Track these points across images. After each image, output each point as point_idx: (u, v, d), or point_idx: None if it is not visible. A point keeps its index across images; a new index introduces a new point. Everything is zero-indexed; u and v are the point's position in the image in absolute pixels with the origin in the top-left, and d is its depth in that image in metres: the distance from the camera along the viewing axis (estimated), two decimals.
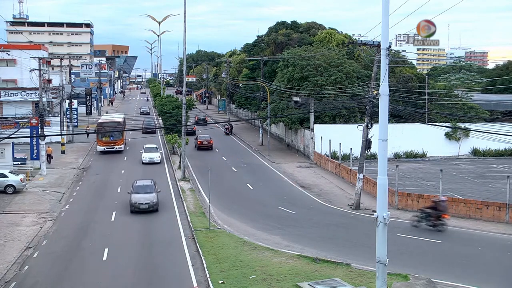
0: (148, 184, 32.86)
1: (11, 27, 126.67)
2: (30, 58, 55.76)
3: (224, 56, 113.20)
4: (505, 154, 50.29)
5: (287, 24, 71.45)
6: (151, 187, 32.42)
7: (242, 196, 36.79)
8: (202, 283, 20.52)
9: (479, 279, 20.78)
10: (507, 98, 65.62)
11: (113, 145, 51.82)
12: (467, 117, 49.51)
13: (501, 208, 29.36)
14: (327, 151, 47.21)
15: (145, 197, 31.27)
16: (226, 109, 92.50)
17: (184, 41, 41.30)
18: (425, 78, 58.26)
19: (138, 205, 30.83)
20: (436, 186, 34.27)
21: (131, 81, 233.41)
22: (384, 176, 15.83)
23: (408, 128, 47.94)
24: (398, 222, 28.95)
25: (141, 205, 30.83)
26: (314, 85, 49.67)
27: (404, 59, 67.84)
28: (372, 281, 19.04)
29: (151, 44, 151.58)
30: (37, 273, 22.23)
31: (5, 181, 36.23)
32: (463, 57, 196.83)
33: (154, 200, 31.21)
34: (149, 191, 31.87)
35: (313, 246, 25.30)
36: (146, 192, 31.74)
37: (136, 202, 30.87)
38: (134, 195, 31.41)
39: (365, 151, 33.13)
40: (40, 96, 46.22)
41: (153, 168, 45.62)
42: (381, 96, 15.82)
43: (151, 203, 30.96)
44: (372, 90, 31.72)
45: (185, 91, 45.91)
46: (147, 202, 30.93)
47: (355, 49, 55.00)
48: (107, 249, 24.67)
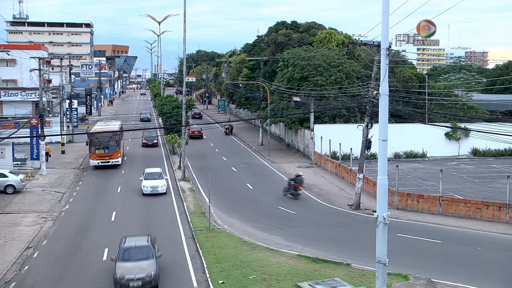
0: (143, 244, 21.48)
1: (11, 27, 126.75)
2: (30, 58, 55.75)
3: (224, 56, 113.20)
4: (505, 154, 50.30)
5: (287, 24, 71.45)
6: (147, 249, 21.15)
7: (242, 196, 36.78)
8: (202, 283, 20.52)
9: (479, 279, 20.79)
10: (507, 98, 65.62)
11: (108, 158, 44.59)
12: (467, 117, 49.51)
13: (501, 208, 29.37)
14: (327, 151, 47.21)
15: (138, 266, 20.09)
16: (226, 109, 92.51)
17: (184, 41, 41.31)
18: (425, 78, 58.25)
19: (126, 283, 19.48)
20: (436, 186, 34.28)
21: (131, 81, 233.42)
22: (384, 176, 15.83)
23: (408, 128, 47.95)
24: (398, 222, 28.96)
25: (131, 281, 19.48)
26: (314, 85, 49.67)
27: (404, 59, 67.83)
28: (372, 281, 19.04)
29: (151, 44, 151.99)
30: (37, 273, 22.23)
31: (5, 181, 36.24)
32: (463, 57, 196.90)
33: (151, 272, 19.77)
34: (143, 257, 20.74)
35: (313, 246, 25.31)
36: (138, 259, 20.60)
37: (122, 278, 19.54)
38: (120, 265, 20.20)
39: (365, 151, 33.13)
40: (40, 96, 46.22)
41: None
42: (381, 96, 15.82)
43: (146, 278, 19.60)
44: (372, 90, 31.73)
45: (185, 91, 45.92)
46: (139, 277, 19.57)
47: (355, 49, 55.01)
48: (107, 249, 24.67)
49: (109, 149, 44.56)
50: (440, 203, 31.42)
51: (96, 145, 44.37)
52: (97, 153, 44.52)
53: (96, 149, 44.40)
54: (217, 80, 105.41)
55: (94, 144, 44.45)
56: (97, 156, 44.49)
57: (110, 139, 44.41)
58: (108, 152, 44.60)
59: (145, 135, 58.13)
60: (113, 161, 44.77)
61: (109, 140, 44.39)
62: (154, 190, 35.46)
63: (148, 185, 35.67)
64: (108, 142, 44.34)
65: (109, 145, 44.56)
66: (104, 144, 44.35)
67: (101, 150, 44.40)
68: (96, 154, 44.55)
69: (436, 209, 31.51)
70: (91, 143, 44.79)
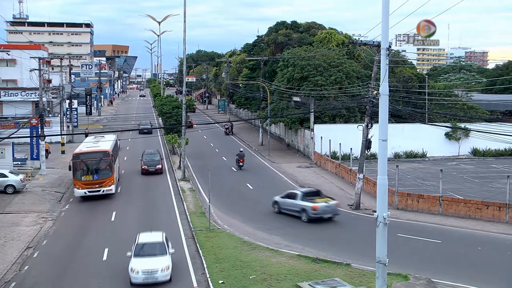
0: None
1: (11, 27, 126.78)
2: (30, 58, 55.75)
3: (224, 56, 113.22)
4: (505, 154, 50.28)
5: (287, 24, 71.45)
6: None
7: (242, 196, 36.78)
8: (202, 283, 20.52)
9: (479, 279, 20.79)
10: (507, 98, 65.61)
11: (98, 186, 34.56)
12: (467, 117, 49.50)
13: (501, 208, 29.36)
14: (327, 151, 47.20)
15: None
16: (226, 109, 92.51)
17: (184, 41, 41.32)
18: (425, 78, 58.24)
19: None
20: (436, 186, 34.27)
21: (131, 81, 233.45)
22: (384, 176, 15.83)
23: (408, 128, 47.97)
24: (398, 222, 28.96)
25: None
26: (314, 85, 49.67)
27: (404, 59, 67.82)
28: (372, 281, 19.04)
29: (151, 44, 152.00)
30: (37, 273, 22.24)
31: (5, 181, 36.26)
32: (463, 57, 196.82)
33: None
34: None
35: (313, 246, 25.31)
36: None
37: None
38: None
39: (365, 151, 33.13)
40: (40, 96, 46.23)
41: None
42: (381, 96, 15.82)
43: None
44: (372, 90, 31.72)
45: (185, 91, 45.90)
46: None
47: (355, 49, 54.99)
48: (107, 249, 24.68)
49: (99, 174, 34.73)
50: (440, 203, 31.41)
51: (83, 169, 34.70)
52: (84, 180, 34.56)
53: (83, 174, 34.57)
54: (217, 80, 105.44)
55: (79, 169, 34.64)
56: (83, 184, 34.47)
57: (101, 161, 34.98)
58: (97, 179, 34.62)
59: (145, 159, 43.61)
60: (104, 189, 34.63)
61: (99, 162, 34.97)
62: (150, 277, 20.35)
63: (139, 269, 20.37)
64: (97, 165, 34.92)
65: (99, 169, 34.88)
66: (92, 168, 34.77)
67: (89, 176, 34.57)
68: (82, 181, 34.52)
69: (436, 209, 31.51)
70: (75, 167, 34.60)
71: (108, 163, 34.96)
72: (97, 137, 41.96)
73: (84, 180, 34.61)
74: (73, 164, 34.84)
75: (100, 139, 40.61)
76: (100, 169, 34.83)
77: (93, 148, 36.69)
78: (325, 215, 29.72)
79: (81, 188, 34.51)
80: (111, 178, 35.00)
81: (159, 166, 43.24)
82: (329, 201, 30.31)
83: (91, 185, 34.49)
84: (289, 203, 31.21)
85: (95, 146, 37.46)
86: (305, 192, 31.32)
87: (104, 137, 42.23)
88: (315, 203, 29.70)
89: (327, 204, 29.90)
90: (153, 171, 42.67)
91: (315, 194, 31.05)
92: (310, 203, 29.74)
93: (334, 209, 30.13)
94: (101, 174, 34.77)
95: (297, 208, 30.46)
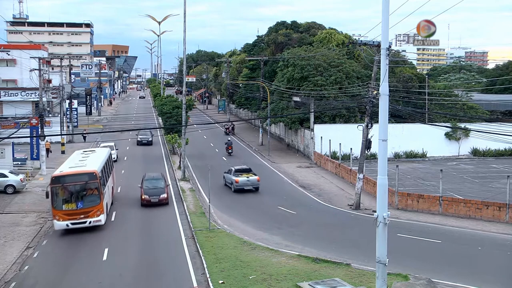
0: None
1: (11, 27, 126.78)
2: (30, 58, 55.78)
3: (224, 56, 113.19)
4: (505, 154, 50.28)
5: (287, 24, 71.47)
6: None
7: (242, 196, 36.76)
8: (202, 283, 20.52)
9: (479, 279, 20.79)
10: (507, 98, 65.58)
11: (83, 217, 27.59)
12: (467, 117, 49.49)
13: (501, 208, 29.37)
14: (327, 151, 47.21)
15: None
16: (226, 109, 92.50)
17: (184, 41, 41.32)
18: (425, 78, 58.24)
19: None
20: (436, 186, 34.28)
21: (131, 81, 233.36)
22: (384, 176, 15.83)
23: (408, 128, 47.98)
24: (398, 222, 28.96)
25: None
26: (314, 85, 49.68)
27: (404, 59, 67.83)
28: (372, 281, 19.04)
29: (151, 44, 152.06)
30: (37, 273, 22.23)
31: (5, 181, 36.27)
32: (463, 57, 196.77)
33: None
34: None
35: (313, 246, 25.31)
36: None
37: None
38: None
39: (365, 151, 33.13)
40: (40, 96, 46.23)
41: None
42: (381, 96, 15.82)
43: None
44: (372, 90, 31.72)
45: (185, 91, 45.91)
46: None
47: (355, 49, 54.97)
48: (107, 249, 24.68)
49: (84, 202, 27.73)
50: (440, 203, 31.42)
51: (64, 196, 27.67)
52: (66, 209, 27.45)
53: (64, 203, 27.55)
54: (217, 80, 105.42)
55: (59, 196, 27.56)
56: (65, 215, 27.35)
57: (87, 185, 27.88)
58: (83, 207, 27.66)
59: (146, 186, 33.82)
60: (91, 220, 27.69)
61: (84, 187, 27.88)
62: None
63: None
64: (82, 190, 27.89)
65: (85, 195, 27.89)
66: (76, 195, 27.80)
67: (72, 204, 27.64)
68: (63, 211, 27.38)
69: (436, 209, 31.51)
70: (54, 194, 27.38)
71: (96, 187, 27.78)
72: (87, 152, 34.98)
73: (66, 210, 27.40)
74: (52, 190, 27.28)
75: (89, 155, 33.15)
76: (86, 195, 27.82)
77: (77, 169, 29.06)
78: (245, 187, 36.93)
79: (62, 219, 27.28)
80: (100, 206, 27.82)
81: (164, 195, 33.17)
82: (250, 176, 37.33)
83: (75, 216, 27.39)
84: (227, 177, 38.68)
85: (80, 165, 29.84)
86: (237, 168, 38.62)
87: (96, 151, 35.70)
88: (238, 177, 36.96)
89: (247, 178, 37.07)
90: (156, 202, 32.84)
91: (244, 171, 38.21)
92: (235, 177, 37.11)
93: (254, 182, 37.22)
94: (87, 201, 27.72)
95: (230, 180, 37.99)
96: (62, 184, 27.56)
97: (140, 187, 33.98)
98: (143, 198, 32.96)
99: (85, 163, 30.23)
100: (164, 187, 33.74)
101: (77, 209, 27.60)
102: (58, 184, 27.49)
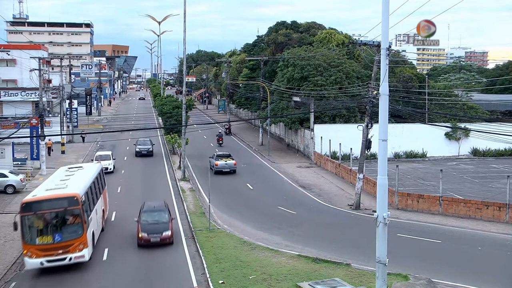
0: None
1: (11, 27, 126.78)
2: (30, 58, 55.76)
3: (224, 56, 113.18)
4: (505, 154, 50.28)
5: (287, 24, 71.44)
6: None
7: (242, 196, 36.78)
8: (202, 283, 20.52)
9: (479, 279, 20.79)
10: (507, 98, 65.58)
11: (62, 252, 21.92)
12: (467, 117, 49.49)
13: (501, 208, 29.37)
14: (327, 151, 47.21)
15: None
16: (226, 109, 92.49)
17: (184, 41, 41.32)
18: (425, 78, 58.24)
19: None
20: (436, 186, 34.28)
21: (131, 81, 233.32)
22: (384, 176, 15.83)
23: (408, 128, 47.98)
24: (398, 222, 28.96)
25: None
26: (314, 85, 49.67)
27: (404, 59, 67.81)
28: (372, 281, 19.04)
29: (151, 44, 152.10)
30: (37, 273, 22.21)
31: (5, 181, 36.27)
32: (463, 57, 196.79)
33: None
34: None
35: (313, 246, 25.31)
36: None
37: None
38: None
39: (365, 151, 33.13)
40: (40, 96, 46.22)
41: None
42: (381, 96, 15.83)
43: None
44: (372, 90, 31.72)
45: (185, 91, 45.90)
46: None
47: (355, 49, 54.97)
48: (107, 249, 24.66)
49: (63, 234, 22.06)
50: (440, 203, 31.42)
51: (37, 227, 22.03)
52: (40, 243, 21.80)
53: (38, 235, 21.89)
54: (217, 80, 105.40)
55: (32, 226, 21.96)
56: (39, 251, 21.72)
57: (66, 213, 22.26)
58: (61, 241, 21.92)
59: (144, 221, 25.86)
60: (72, 256, 22.05)
61: (63, 215, 22.25)
62: None
63: None
64: (60, 219, 22.25)
65: (64, 225, 22.26)
66: (52, 225, 22.15)
67: (47, 237, 21.95)
68: (36, 246, 21.73)
69: (436, 209, 31.51)
70: (24, 224, 21.87)
71: (78, 214, 22.21)
72: (72, 169, 28.64)
73: (40, 244, 21.74)
74: (22, 220, 21.74)
75: (75, 173, 27.27)
76: (65, 225, 22.23)
77: (55, 192, 23.26)
78: (224, 169, 42.81)
79: (35, 256, 21.65)
80: (83, 239, 22.20)
81: (168, 233, 25.30)
82: (228, 161, 43.29)
83: (51, 251, 21.76)
84: (211, 161, 44.54)
85: (59, 187, 23.99)
86: (218, 154, 45.39)
87: (83, 167, 29.57)
88: (218, 161, 43.01)
89: (225, 162, 43.02)
90: (157, 242, 25.03)
91: (224, 156, 44.39)
92: (215, 161, 43.20)
93: (231, 166, 43.12)
94: (67, 232, 22.15)
95: (212, 164, 43.79)
96: (35, 212, 21.84)
97: (136, 221, 25.95)
98: (140, 237, 25.06)
99: (67, 184, 24.40)
100: (168, 221, 25.86)
101: (54, 242, 21.81)
102: (29, 212, 21.78)
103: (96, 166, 30.32)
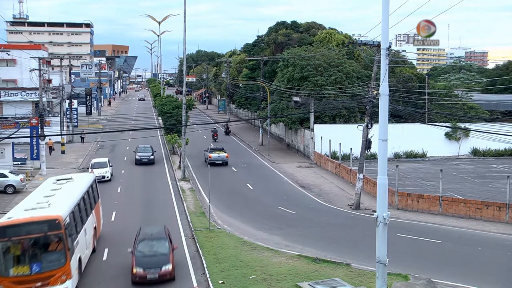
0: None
1: (11, 27, 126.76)
2: (30, 58, 55.70)
3: (224, 56, 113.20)
4: (505, 154, 50.28)
5: (287, 24, 71.43)
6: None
7: (242, 196, 36.78)
8: (202, 283, 20.52)
9: (479, 279, 20.79)
10: (507, 98, 65.58)
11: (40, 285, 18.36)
12: (467, 117, 49.49)
13: (501, 208, 29.37)
14: (327, 151, 47.21)
15: None
16: (226, 109, 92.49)
17: (184, 41, 41.32)
18: (425, 78, 58.24)
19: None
20: (436, 186, 34.27)
21: (131, 81, 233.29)
22: (384, 176, 15.83)
23: (408, 128, 47.98)
24: (398, 222, 28.96)
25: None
26: (314, 85, 49.67)
27: (404, 59, 67.80)
28: (372, 281, 19.04)
29: (151, 44, 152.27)
30: None
31: (5, 181, 36.25)
32: (463, 57, 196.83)
33: None
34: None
35: (313, 246, 25.31)
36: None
37: None
38: None
39: (365, 151, 33.13)
40: (40, 96, 46.22)
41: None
42: (381, 96, 15.83)
43: None
44: (372, 90, 31.72)
45: (185, 91, 45.92)
46: None
47: (355, 49, 54.97)
48: (107, 249, 24.67)
49: (42, 263, 18.72)
50: (440, 203, 31.42)
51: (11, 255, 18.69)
52: (14, 275, 18.42)
53: (12, 265, 18.55)
54: (217, 80, 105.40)
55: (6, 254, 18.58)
56: (13, 283, 18.33)
57: (45, 238, 19.01)
58: (39, 272, 18.56)
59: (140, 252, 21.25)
60: None
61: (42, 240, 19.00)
62: None
63: None
64: (39, 247, 19.00)
65: (43, 253, 18.95)
66: (29, 254, 18.85)
67: (24, 267, 18.61)
68: (10, 278, 18.35)
69: (436, 209, 31.51)
70: None
71: (60, 239, 18.82)
72: (61, 181, 24.97)
73: (15, 276, 18.39)
74: None
75: (62, 186, 23.74)
76: (44, 253, 18.92)
77: (33, 214, 19.69)
78: (216, 161, 46.07)
79: None
80: (65, 269, 18.78)
81: (168, 267, 20.79)
82: (220, 153, 47.09)
83: (28, 284, 18.35)
84: (205, 154, 48.39)
85: (40, 207, 20.35)
86: (212, 147, 49.42)
87: (73, 179, 25.60)
88: (211, 153, 46.83)
89: (218, 155, 46.77)
90: (155, 279, 20.53)
91: (218, 149, 48.20)
92: (209, 153, 47.01)
93: (223, 158, 46.83)
94: (47, 262, 18.76)
95: (206, 156, 47.55)
96: (9, 238, 18.57)
97: (131, 252, 21.46)
98: (134, 273, 20.52)
99: (50, 202, 20.79)
100: (168, 252, 21.24)
101: (32, 274, 18.44)
102: (3, 239, 18.48)
103: (88, 177, 27.20)
